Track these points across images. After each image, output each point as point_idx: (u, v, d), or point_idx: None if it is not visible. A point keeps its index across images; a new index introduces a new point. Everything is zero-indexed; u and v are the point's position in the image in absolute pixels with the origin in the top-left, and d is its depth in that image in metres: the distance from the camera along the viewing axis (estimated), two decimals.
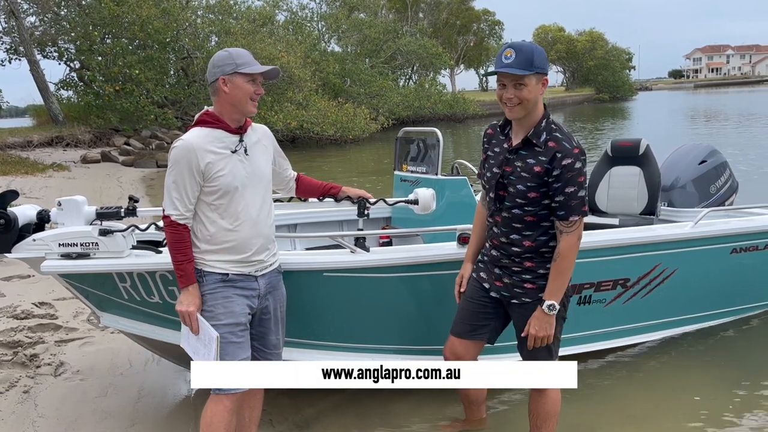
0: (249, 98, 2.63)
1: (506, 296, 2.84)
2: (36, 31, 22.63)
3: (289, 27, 31.56)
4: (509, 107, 2.62)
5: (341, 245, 3.42)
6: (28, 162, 15.47)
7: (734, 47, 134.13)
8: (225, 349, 2.62)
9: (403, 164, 4.96)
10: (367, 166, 17.43)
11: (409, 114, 33.20)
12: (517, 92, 2.58)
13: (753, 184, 10.16)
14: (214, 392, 2.63)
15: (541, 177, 2.61)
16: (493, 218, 2.83)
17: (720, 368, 4.04)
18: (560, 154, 2.57)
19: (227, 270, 2.65)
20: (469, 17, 58.75)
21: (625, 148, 4.83)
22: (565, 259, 2.66)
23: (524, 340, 2.82)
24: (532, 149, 2.65)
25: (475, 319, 2.95)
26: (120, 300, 3.36)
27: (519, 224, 2.72)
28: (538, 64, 2.56)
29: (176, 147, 2.59)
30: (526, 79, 2.56)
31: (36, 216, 3.29)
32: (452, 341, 3.03)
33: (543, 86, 2.64)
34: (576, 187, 2.58)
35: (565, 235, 2.65)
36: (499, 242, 2.81)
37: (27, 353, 4.39)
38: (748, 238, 4.30)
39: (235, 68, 2.60)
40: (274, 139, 2.97)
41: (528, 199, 2.66)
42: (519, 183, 2.66)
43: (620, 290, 3.97)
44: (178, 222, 2.60)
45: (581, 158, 2.59)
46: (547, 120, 2.67)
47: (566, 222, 2.63)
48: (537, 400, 2.90)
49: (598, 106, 57.48)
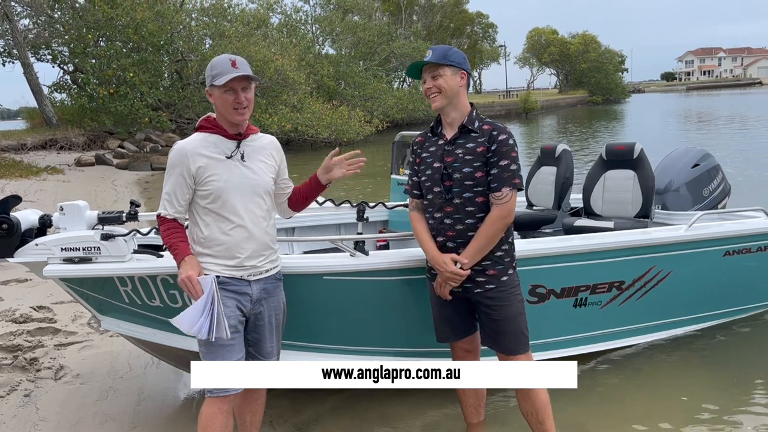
0: (231, 108, 2.65)
1: (469, 287, 2.89)
2: (29, 34, 22.54)
3: (284, 30, 31.57)
4: (431, 97, 2.88)
5: (340, 248, 3.46)
6: (22, 165, 15.43)
7: (726, 50, 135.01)
8: (215, 352, 2.64)
9: (400, 168, 5.01)
10: (361, 168, 17.42)
11: (403, 116, 33.30)
12: (434, 82, 2.85)
13: (746, 187, 10.26)
14: (209, 395, 2.65)
15: (484, 155, 2.80)
16: (442, 211, 2.89)
17: (715, 369, 4.10)
18: (495, 132, 2.82)
19: (219, 272, 2.67)
20: (462, 20, 59.00)
21: (620, 151, 4.88)
22: (488, 225, 2.78)
23: (490, 331, 2.92)
24: (469, 135, 2.86)
25: (456, 320, 3.05)
26: (121, 304, 3.39)
27: (472, 207, 2.83)
28: (452, 58, 2.85)
29: (172, 150, 2.70)
30: (440, 69, 2.83)
31: (38, 221, 3.32)
32: (453, 347, 3.13)
33: (462, 79, 2.88)
34: (509, 161, 2.78)
35: (495, 207, 2.79)
36: (454, 231, 2.86)
37: (27, 357, 4.40)
38: (741, 241, 4.36)
39: (211, 80, 2.65)
40: (283, 154, 2.94)
41: (475, 180, 2.81)
42: (464, 167, 2.82)
43: (615, 292, 4.02)
44: (167, 217, 2.68)
45: (512, 138, 2.84)
46: (476, 111, 2.93)
47: (498, 193, 2.78)
48: (527, 396, 2.95)
49: (592, 108, 57.76)
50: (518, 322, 2.91)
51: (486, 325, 2.94)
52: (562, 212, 5.01)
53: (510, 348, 2.91)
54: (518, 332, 2.91)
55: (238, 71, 2.61)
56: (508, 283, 2.89)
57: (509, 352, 2.92)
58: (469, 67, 2.96)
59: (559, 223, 4.91)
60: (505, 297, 2.88)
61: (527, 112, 47.76)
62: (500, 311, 2.87)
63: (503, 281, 2.87)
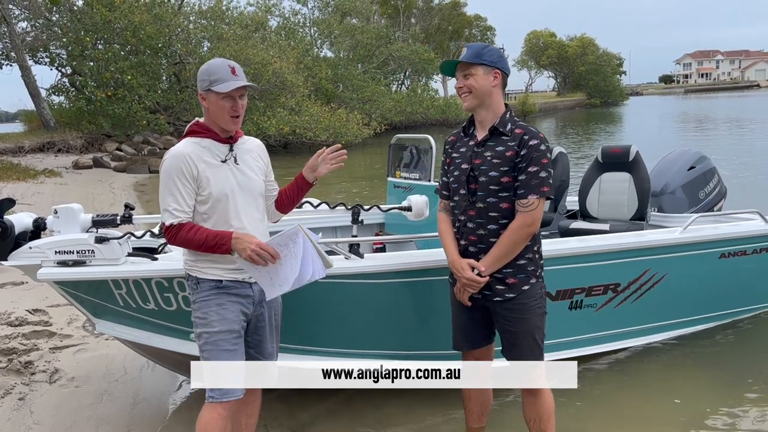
0: (228, 115, 2.63)
1: (488, 294, 2.81)
2: (27, 37, 22.56)
3: (282, 32, 31.61)
4: (463, 97, 2.80)
5: (335, 252, 3.46)
6: (20, 168, 15.41)
7: (724, 52, 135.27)
8: (217, 357, 2.63)
9: (396, 171, 5.01)
10: (359, 171, 17.46)
11: (401, 119, 33.33)
12: (465, 81, 2.76)
13: (742, 190, 10.27)
14: (209, 400, 2.64)
15: (512, 160, 2.70)
16: (466, 214, 2.81)
17: (710, 371, 4.10)
18: (527, 136, 2.70)
19: (221, 276, 2.66)
20: (461, 23, 59.05)
21: (616, 154, 4.89)
22: (511, 233, 2.69)
23: (504, 340, 2.84)
24: (499, 138, 2.76)
25: (471, 329, 2.95)
26: (116, 307, 3.38)
27: (495, 213, 2.74)
28: (486, 57, 2.74)
29: (168, 158, 2.59)
30: (473, 68, 2.74)
31: (32, 224, 3.31)
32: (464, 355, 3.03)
33: (495, 79, 2.77)
34: (538, 167, 2.67)
35: (519, 214, 2.68)
36: (476, 236, 2.79)
37: (22, 360, 4.39)
38: (736, 243, 4.37)
39: (209, 85, 2.60)
40: (268, 156, 2.95)
41: (501, 185, 2.71)
42: (491, 170, 2.73)
43: (611, 295, 4.03)
44: (181, 223, 2.58)
45: (546, 143, 2.72)
46: (510, 113, 2.82)
47: (524, 200, 2.67)
48: (533, 403, 2.90)
49: (590, 111, 57.79)
50: (534, 336, 2.79)
51: (501, 334, 2.87)
52: (558, 215, 5.01)
53: (522, 359, 2.82)
54: (533, 345, 2.80)
55: (238, 80, 2.60)
56: (529, 294, 2.77)
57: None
58: (507, 65, 2.83)
59: (555, 225, 4.91)
60: (525, 309, 2.76)
61: (525, 115, 47.75)
62: (517, 324, 2.78)
63: (524, 291, 2.76)
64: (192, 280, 2.69)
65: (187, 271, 2.72)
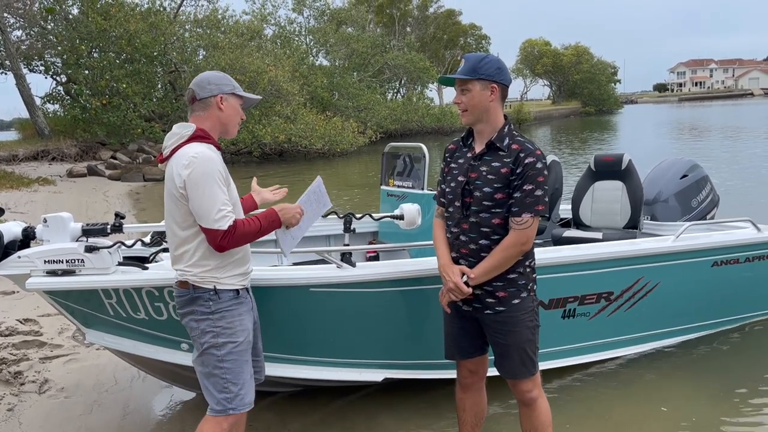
0: (237, 123, 2.73)
1: (478, 307, 2.79)
2: (22, 45, 22.52)
3: (277, 41, 31.66)
4: (460, 113, 2.77)
5: (327, 260, 3.44)
6: (14, 176, 15.35)
7: (717, 61, 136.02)
8: (242, 367, 2.65)
9: (389, 179, 5.01)
10: (354, 179, 17.46)
11: (396, 127, 33.37)
12: (462, 97, 2.73)
13: (734, 198, 10.29)
14: (216, 414, 2.61)
15: (507, 177, 2.66)
16: (459, 227, 2.78)
17: (702, 380, 4.09)
18: (523, 153, 2.65)
19: (236, 286, 2.66)
20: (456, 31, 59.18)
21: (608, 162, 4.90)
22: (503, 249, 2.66)
23: (496, 354, 2.82)
24: (496, 153, 2.71)
25: (462, 340, 2.93)
26: (106, 316, 3.35)
27: (487, 228, 2.71)
28: (483, 71, 2.67)
29: (198, 162, 2.48)
30: (469, 84, 2.69)
31: (21, 233, 3.28)
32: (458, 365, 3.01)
33: (492, 93, 2.70)
34: (534, 186, 2.62)
35: (513, 231, 2.66)
36: (468, 250, 2.77)
37: (11, 370, 4.35)
38: (729, 252, 4.37)
39: (233, 89, 2.67)
40: None
41: (494, 201, 2.68)
42: (485, 186, 2.69)
43: (604, 303, 4.02)
44: (235, 222, 2.51)
45: (542, 160, 2.66)
46: (509, 127, 2.76)
47: (518, 218, 2.64)
48: (528, 415, 2.88)
49: (585, 119, 58.03)
50: (525, 349, 2.76)
51: (493, 347, 2.85)
52: (551, 223, 5.02)
53: (514, 373, 2.80)
54: (524, 358, 2.77)
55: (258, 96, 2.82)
56: (519, 308, 2.74)
57: (513, 376, 2.82)
58: (507, 77, 2.75)
59: (548, 233, 4.91)
60: (514, 322, 2.73)
61: (520, 123, 47.85)
62: (507, 336, 2.75)
63: (514, 304, 2.73)
64: (208, 292, 2.60)
65: (198, 283, 2.59)
